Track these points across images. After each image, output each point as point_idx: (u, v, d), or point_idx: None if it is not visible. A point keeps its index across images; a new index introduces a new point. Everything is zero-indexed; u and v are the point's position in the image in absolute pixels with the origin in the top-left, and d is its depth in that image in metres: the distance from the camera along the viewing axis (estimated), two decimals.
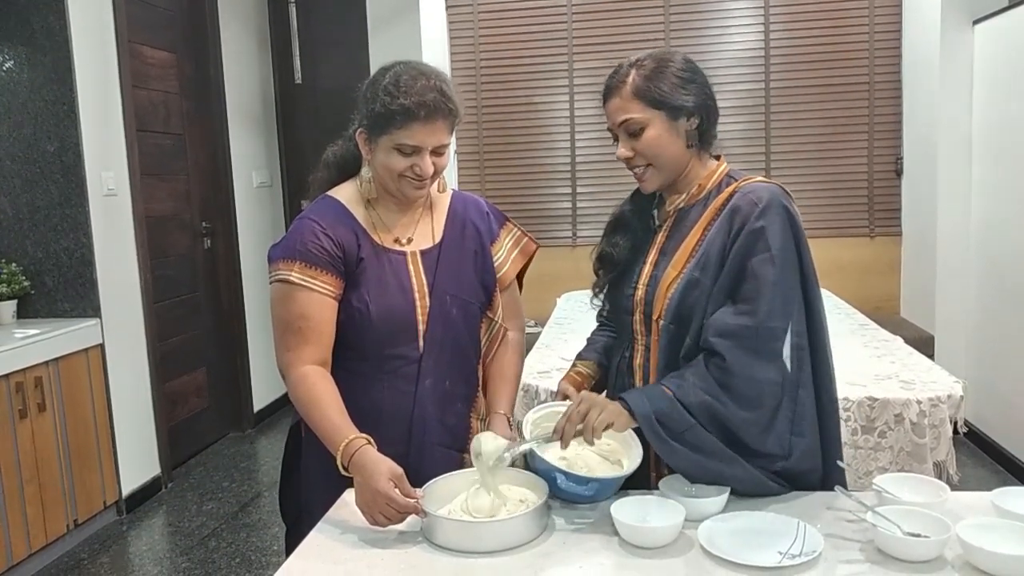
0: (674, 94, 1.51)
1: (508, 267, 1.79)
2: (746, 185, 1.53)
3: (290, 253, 1.59)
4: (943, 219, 4.19)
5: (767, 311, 1.43)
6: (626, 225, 1.66)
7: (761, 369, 1.44)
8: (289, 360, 1.59)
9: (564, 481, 1.45)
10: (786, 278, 1.46)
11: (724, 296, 1.47)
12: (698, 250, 1.52)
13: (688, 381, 1.45)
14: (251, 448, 4.57)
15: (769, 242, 1.44)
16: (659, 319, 1.54)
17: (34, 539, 3.09)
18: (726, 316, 1.45)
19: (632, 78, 1.52)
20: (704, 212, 1.55)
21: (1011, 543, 1.25)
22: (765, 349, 1.44)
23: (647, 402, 1.44)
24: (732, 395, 1.43)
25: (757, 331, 1.43)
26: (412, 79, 1.56)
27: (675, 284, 1.52)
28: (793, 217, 1.48)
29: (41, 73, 3.38)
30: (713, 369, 1.44)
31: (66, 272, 3.47)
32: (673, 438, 1.43)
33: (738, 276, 1.46)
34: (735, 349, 1.42)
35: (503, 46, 5.10)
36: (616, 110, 1.54)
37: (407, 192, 1.63)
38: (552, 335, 3.60)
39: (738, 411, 1.44)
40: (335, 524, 1.50)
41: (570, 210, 5.15)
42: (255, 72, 4.97)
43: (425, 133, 1.56)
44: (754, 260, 1.45)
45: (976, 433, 3.97)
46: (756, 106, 4.87)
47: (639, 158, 1.55)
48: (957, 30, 4.04)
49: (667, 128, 1.52)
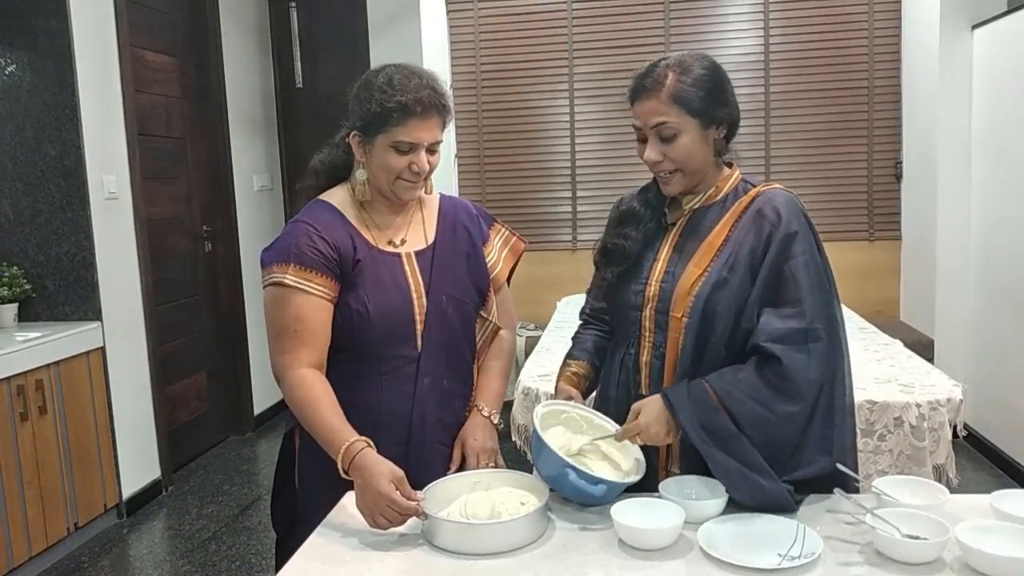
0: (712, 103, 1.51)
1: (501, 267, 1.81)
2: (768, 191, 1.55)
3: (284, 256, 1.60)
4: (942, 223, 4.19)
5: (812, 313, 1.46)
6: (637, 219, 1.64)
7: (813, 369, 1.45)
8: (284, 363, 1.59)
9: (575, 477, 1.45)
10: (822, 281, 1.49)
11: (764, 303, 1.48)
12: (723, 250, 1.52)
13: (739, 388, 1.45)
14: (251, 451, 4.57)
15: (804, 246, 1.48)
16: (683, 316, 1.53)
17: (34, 542, 3.09)
18: (774, 321, 1.46)
19: (671, 81, 1.50)
20: (724, 214, 1.56)
21: (1010, 545, 1.25)
22: (813, 349, 1.45)
23: (692, 412, 1.45)
24: (785, 397, 1.44)
25: (807, 333, 1.45)
26: (405, 78, 1.58)
27: (700, 282, 1.52)
28: (812, 224, 1.52)
29: (43, 77, 3.38)
30: (770, 375, 1.44)
31: (67, 275, 3.47)
32: (718, 445, 1.44)
33: (776, 281, 1.48)
34: (792, 352, 1.44)
35: (504, 50, 5.11)
36: (651, 112, 1.52)
37: (402, 193, 1.64)
38: (552, 338, 3.61)
39: (782, 406, 1.44)
40: (335, 527, 1.50)
41: (570, 214, 5.16)
42: (256, 76, 4.98)
43: (421, 129, 1.58)
44: (791, 264, 1.47)
45: (975, 437, 3.97)
46: (756, 110, 4.88)
47: (668, 163, 1.54)
48: (956, 34, 4.05)
49: (699, 136, 1.52)
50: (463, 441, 1.72)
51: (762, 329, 1.46)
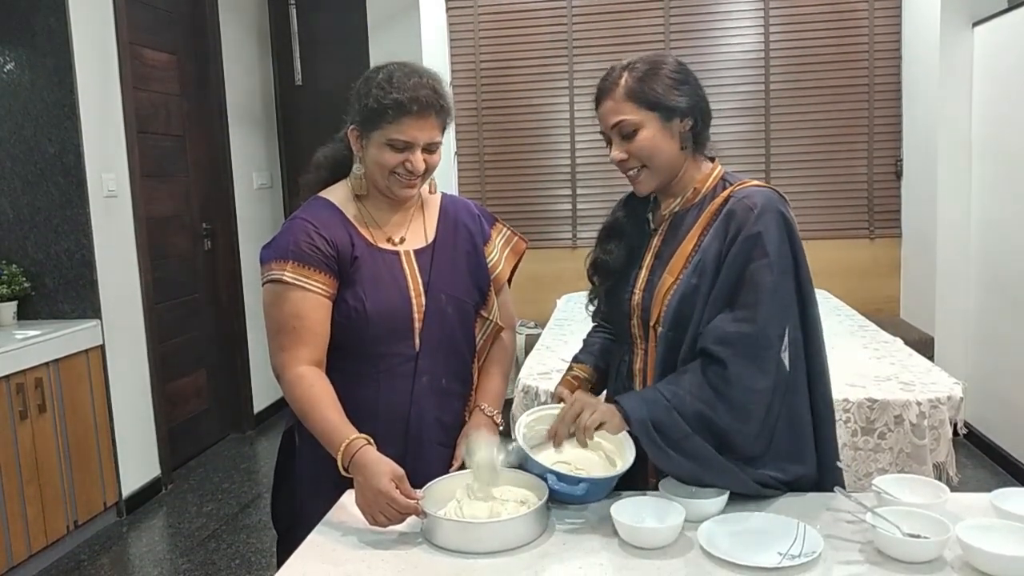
0: (667, 95, 1.51)
1: (502, 267, 1.80)
2: (741, 190, 1.52)
3: (282, 253, 1.59)
4: (943, 221, 4.19)
5: (766, 318, 1.43)
6: (620, 231, 1.65)
7: (759, 379, 1.43)
8: (284, 361, 1.59)
9: (555, 482, 1.45)
10: (783, 284, 1.46)
11: (722, 303, 1.46)
12: (694, 256, 1.51)
13: (684, 388, 1.44)
14: (251, 449, 4.57)
15: (767, 248, 1.43)
16: (656, 325, 1.53)
17: (34, 540, 3.10)
18: (725, 323, 1.44)
19: (624, 80, 1.52)
20: (699, 217, 1.54)
21: (1010, 544, 1.25)
22: (762, 356, 1.43)
23: (644, 408, 1.44)
24: (727, 404, 1.42)
25: (757, 339, 1.43)
26: (405, 76, 1.58)
27: (672, 291, 1.51)
28: (789, 222, 1.48)
29: (42, 75, 3.38)
30: (712, 376, 1.43)
31: (66, 273, 3.47)
32: (669, 445, 1.43)
33: (736, 282, 1.45)
34: (736, 358, 1.42)
35: (503, 48, 5.10)
36: (609, 112, 1.54)
37: (396, 191, 1.64)
38: (552, 336, 3.61)
39: (731, 421, 1.43)
40: (335, 525, 1.50)
41: (570, 211, 5.16)
42: (255, 73, 4.98)
43: (416, 129, 1.57)
44: (752, 266, 1.44)
45: (976, 435, 3.97)
46: (756, 108, 4.87)
47: (633, 160, 1.54)
48: (957, 32, 4.04)
49: (661, 129, 1.52)
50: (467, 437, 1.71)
51: (710, 330, 1.44)
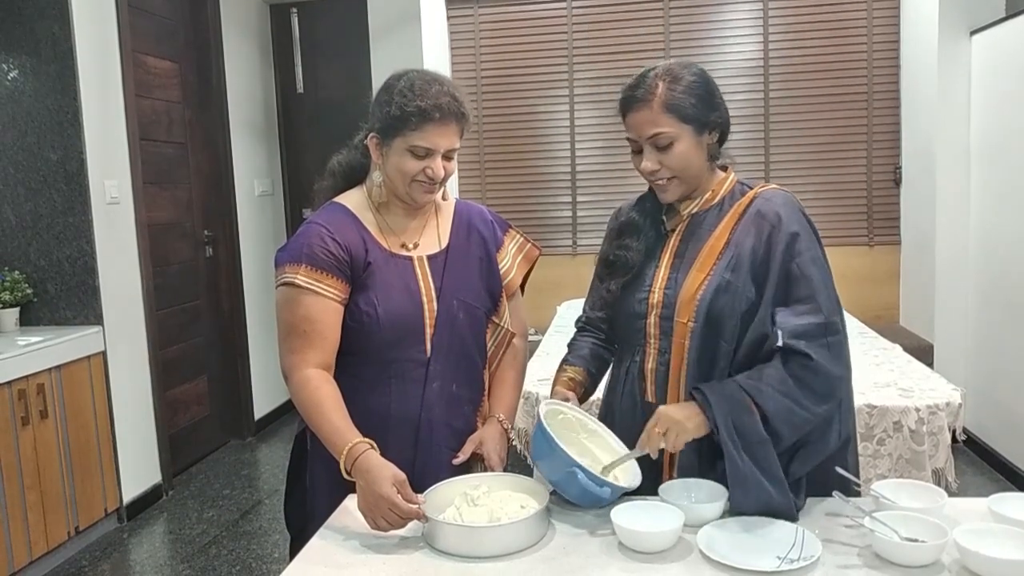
0: (703, 109, 1.53)
1: (514, 274, 1.81)
2: (766, 191, 1.57)
3: (296, 256, 1.61)
4: (942, 228, 4.20)
5: (828, 308, 1.47)
6: (637, 230, 1.66)
7: (837, 364, 1.47)
8: (293, 363, 1.60)
9: (584, 478, 1.45)
10: (829, 277, 1.50)
11: (776, 304, 1.49)
12: (725, 252, 1.53)
13: (766, 384, 1.44)
14: (252, 456, 4.57)
15: (807, 243, 1.49)
16: (689, 321, 1.54)
17: (35, 546, 3.10)
18: (790, 319, 1.46)
19: (662, 90, 1.52)
20: (723, 216, 1.57)
21: (1008, 548, 1.26)
22: (836, 343, 1.47)
23: (727, 410, 1.44)
24: (813, 393, 1.44)
25: (826, 327, 1.46)
26: (427, 84, 1.60)
27: (703, 286, 1.53)
28: (812, 221, 1.54)
29: (45, 82, 3.40)
30: (797, 368, 1.44)
31: (68, 280, 3.48)
32: (745, 448, 1.43)
33: (786, 280, 1.48)
34: (816, 347, 1.44)
35: (504, 55, 5.13)
36: (645, 123, 1.53)
37: (417, 196, 1.65)
38: (552, 343, 3.63)
39: (815, 407, 1.45)
40: (337, 530, 1.50)
41: (570, 218, 5.17)
42: (257, 81, 5.00)
43: (438, 135, 1.59)
44: (798, 261, 1.48)
45: (975, 441, 3.97)
46: (755, 116, 4.90)
47: (665, 171, 1.55)
48: (955, 40, 4.06)
49: (694, 143, 1.54)
50: (481, 440, 1.70)
51: (781, 328, 1.46)
